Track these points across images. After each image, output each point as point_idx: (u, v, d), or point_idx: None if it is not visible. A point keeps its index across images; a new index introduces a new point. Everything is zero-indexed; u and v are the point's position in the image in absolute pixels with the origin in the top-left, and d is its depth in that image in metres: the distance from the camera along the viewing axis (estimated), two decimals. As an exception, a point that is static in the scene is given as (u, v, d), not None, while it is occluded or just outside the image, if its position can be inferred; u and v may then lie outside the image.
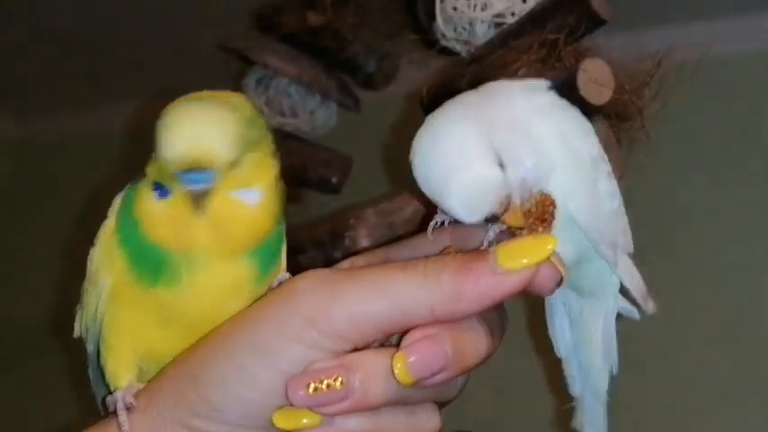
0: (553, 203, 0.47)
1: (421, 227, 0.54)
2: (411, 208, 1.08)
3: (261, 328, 0.44)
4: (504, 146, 0.47)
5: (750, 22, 1.54)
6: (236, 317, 0.47)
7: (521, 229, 0.47)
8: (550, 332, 0.61)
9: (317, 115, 1.41)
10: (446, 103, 0.51)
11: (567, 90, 0.89)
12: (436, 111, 0.51)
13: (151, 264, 0.49)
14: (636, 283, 0.57)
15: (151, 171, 0.49)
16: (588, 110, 0.90)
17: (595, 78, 0.87)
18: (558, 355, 0.61)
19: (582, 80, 0.87)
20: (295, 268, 1.21)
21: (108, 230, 0.52)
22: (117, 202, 0.53)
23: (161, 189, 0.49)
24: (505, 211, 0.47)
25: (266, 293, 0.49)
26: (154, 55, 1.88)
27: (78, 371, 0.60)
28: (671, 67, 0.90)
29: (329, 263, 1.14)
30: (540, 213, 0.47)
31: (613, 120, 0.94)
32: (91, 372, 0.57)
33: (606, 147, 0.92)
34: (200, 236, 0.48)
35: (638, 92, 0.90)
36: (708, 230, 1.55)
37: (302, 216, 1.40)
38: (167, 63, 1.89)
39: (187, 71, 1.88)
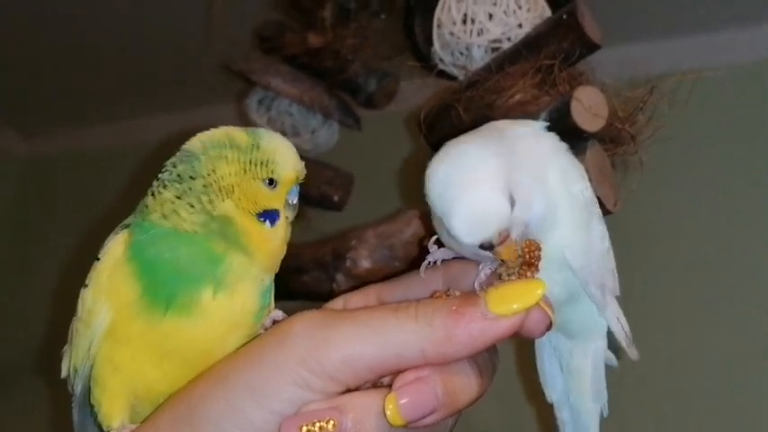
0: (539, 248, 0.48)
1: (418, 254, 0.55)
2: (410, 230, 1.10)
3: (256, 370, 0.45)
4: (519, 186, 0.49)
5: (743, 35, 1.56)
6: (232, 356, 0.48)
7: (510, 273, 0.48)
8: (541, 376, 0.62)
9: (318, 134, 1.43)
10: (463, 135, 0.53)
11: (562, 117, 0.92)
12: (458, 138, 0.52)
13: (171, 290, 0.50)
14: (622, 326, 0.58)
15: (251, 204, 0.52)
16: (582, 135, 0.93)
17: (588, 106, 0.89)
18: (549, 401, 0.62)
19: (575, 108, 0.89)
20: (299, 288, 1.23)
21: (112, 265, 0.53)
22: (121, 238, 0.53)
23: (271, 216, 0.53)
24: (501, 243, 0.48)
25: (260, 334, 0.50)
26: (158, 75, 1.90)
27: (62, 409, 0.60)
28: (663, 93, 0.91)
29: (332, 283, 1.17)
30: (528, 258, 0.48)
31: (608, 144, 0.95)
32: (76, 413, 0.58)
33: (602, 171, 0.94)
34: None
35: (631, 118, 0.92)
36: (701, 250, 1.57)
37: (305, 232, 1.42)
38: (171, 83, 1.92)
39: (191, 90, 1.91)
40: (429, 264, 0.54)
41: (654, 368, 1.51)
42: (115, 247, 0.53)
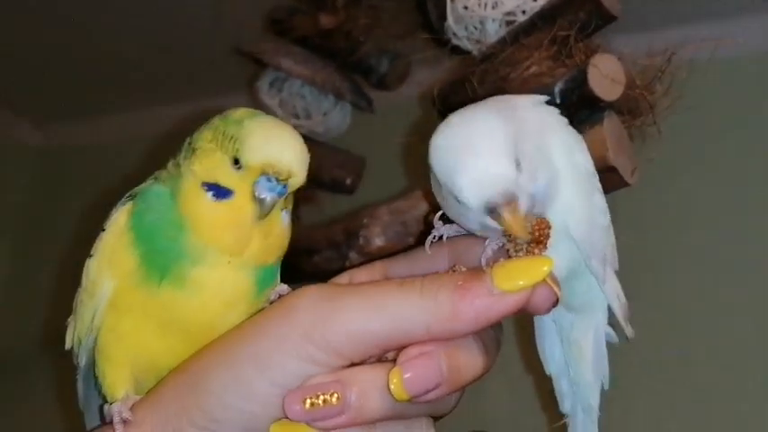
0: (549, 226, 0.48)
1: (424, 229, 0.54)
2: (424, 206, 1.09)
3: (260, 342, 0.45)
4: (526, 155, 0.48)
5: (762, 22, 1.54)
6: (236, 329, 0.47)
7: (518, 250, 0.47)
8: (540, 350, 0.61)
9: (330, 116, 1.42)
10: (467, 106, 0.51)
11: (578, 86, 0.90)
12: (463, 108, 0.51)
13: (164, 260, 0.50)
14: (620, 302, 0.58)
15: (205, 172, 0.50)
16: (599, 105, 0.91)
17: (606, 74, 0.87)
18: (548, 373, 0.62)
19: (593, 76, 0.87)
20: (310, 269, 1.22)
21: (115, 234, 0.52)
22: (125, 208, 0.53)
23: (219, 190, 0.50)
24: (508, 208, 0.47)
25: (266, 307, 0.49)
26: (170, 60, 1.90)
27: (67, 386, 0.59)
28: (682, 63, 0.90)
29: (344, 262, 1.16)
30: (537, 236, 0.47)
31: (625, 115, 0.94)
32: (80, 385, 0.58)
33: (619, 141, 0.93)
34: (252, 242, 0.50)
35: (650, 87, 0.90)
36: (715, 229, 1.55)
37: (316, 217, 1.41)
38: (183, 68, 1.91)
39: (203, 74, 1.90)
40: (434, 239, 0.53)
41: (665, 342, 1.49)
42: (119, 216, 0.53)
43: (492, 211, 0.47)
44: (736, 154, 1.55)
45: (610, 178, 0.89)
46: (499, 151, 0.47)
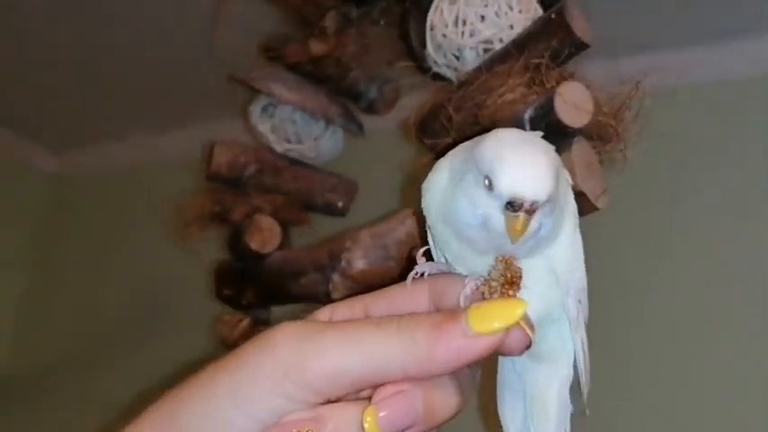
0: (520, 270, 0.49)
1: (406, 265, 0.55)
2: (404, 229, 1.11)
3: (240, 377, 0.45)
4: (555, 189, 0.49)
5: (734, 48, 1.56)
6: (214, 365, 0.48)
7: (492, 292, 0.48)
8: (500, 408, 0.61)
9: (321, 141, 1.45)
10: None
11: (546, 114, 0.92)
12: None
13: None
14: (584, 355, 0.58)
15: None
16: (568, 131, 0.93)
17: (572, 102, 0.89)
18: None
19: (559, 103, 0.89)
20: (297, 291, 1.24)
21: None
22: None
23: None
24: (529, 211, 0.48)
25: (246, 342, 0.49)
26: (167, 87, 1.93)
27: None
28: (650, 90, 0.92)
29: (328, 285, 1.18)
30: (510, 277, 0.48)
31: (595, 140, 0.96)
32: None
33: (588, 166, 0.95)
34: None
35: (618, 114, 0.92)
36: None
37: (309, 239, 1.44)
38: (179, 94, 1.95)
39: (199, 100, 1.94)
40: (416, 275, 0.54)
41: (639, 369, 1.50)
42: None
43: (513, 203, 0.48)
44: (707, 180, 1.56)
45: (578, 203, 0.91)
46: (549, 173, 0.48)
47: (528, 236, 0.49)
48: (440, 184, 0.54)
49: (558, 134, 0.93)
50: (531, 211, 0.48)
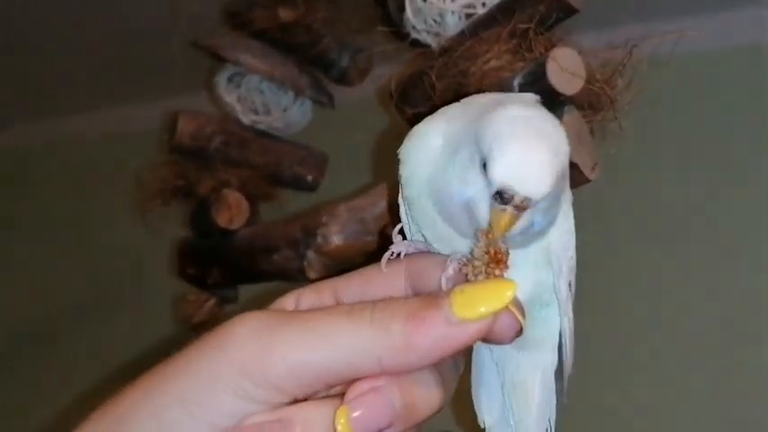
0: (506, 245, 0.44)
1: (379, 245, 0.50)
2: (383, 204, 1.06)
3: (189, 380, 0.40)
4: (555, 187, 0.44)
5: (726, 18, 1.54)
6: (163, 365, 0.42)
7: (477, 273, 0.43)
8: (474, 397, 0.57)
9: (290, 112, 1.39)
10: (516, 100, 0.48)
11: (537, 80, 0.88)
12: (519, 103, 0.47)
13: None
14: (569, 336, 0.54)
15: None
16: (559, 100, 0.89)
17: (565, 67, 0.85)
18: (482, 426, 0.57)
19: (552, 69, 0.85)
20: (269, 268, 1.19)
21: None
22: None
23: None
24: (518, 207, 0.43)
25: (200, 337, 0.44)
26: (126, 55, 1.86)
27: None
28: (644, 56, 0.88)
29: (302, 261, 1.13)
30: (495, 254, 0.43)
31: (586, 110, 0.92)
32: None
33: (579, 137, 0.91)
34: None
35: (611, 81, 0.88)
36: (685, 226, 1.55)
37: (278, 214, 1.39)
38: (140, 63, 1.88)
39: (160, 69, 1.87)
40: (392, 255, 0.48)
41: (632, 343, 1.48)
42: None
43: (503, 195, 0.43)
44: (701, 150, 1.54)
45: (570, 175, 0.88)
46: (551, 173, 0.43)
47: (515, 232, 0.44)
48: (430, 151, 0.48)
49: (548, 103, 0.89)
50: (521, 208, 0.43)
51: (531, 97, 0.51)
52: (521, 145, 0.43)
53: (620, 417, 1.51)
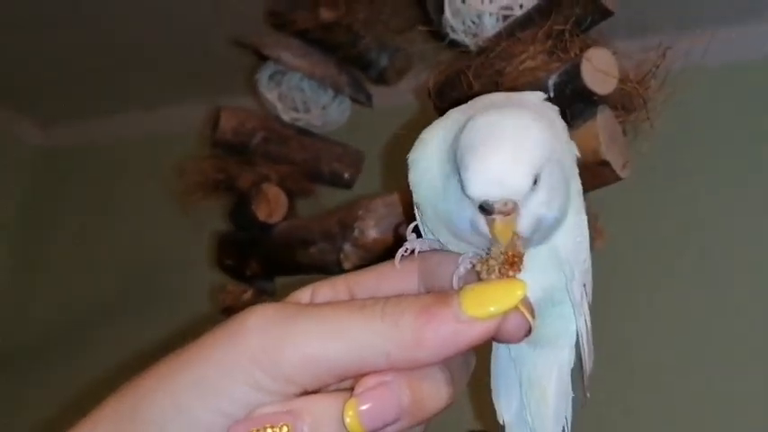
0: (522, 249, 0.44)
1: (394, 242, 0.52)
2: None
3: (204, 368, 0.41)
4: (549, 175, 0.44)
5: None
6: (179, 352, 0.43)
7: (490, 272, 0.43)
8: (494, 394, 0.57)
9: (329, 110, 1.42)
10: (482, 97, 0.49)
11: (571, 80, 0.90)
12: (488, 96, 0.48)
13: None
14: (587, 336, 0.54)
15: None
16: (592, 99, 0.91)
17: (600, 68, 0.87)
18: (501, 422, 0.57)
19: (586, 69, 0.87)
20: (306, 260, 1.22)
21: None
22: None
23: None
24: (504, 212, 0.43)
25: (215, 327, 0.45)
26: (169, 54, 1.90)
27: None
28: (677, 59, 0.89)
29: (339, 254, 1.16)
30: (511, 256, 0.43)
31: (619, 110, 0.94)
32: None
33: (612, 136, 0.93)
34: None
35: (644, 82, 0.90)
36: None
37: (315, 211, 1.41)
38: (183, 61, 1.91)
39: (202, 68, 1.91)
40: (405, 252, 0.49)
41: (659, 343, 1.48)
42: None
43: (485, 209, 0.43)
44: (731, 153, 1.55)
45: (602, 172, 0.90)
46: (522, 165, 0.43)
47: (525, 234, 0.44)
48: (428, 160, 0.49)
49: (582, 101, 0.92)
50: (508, 212, 0.43)
51: (532, 97, 0.50)
52: (479, 154, 0.43)
53: (638, 416, 1.52)
